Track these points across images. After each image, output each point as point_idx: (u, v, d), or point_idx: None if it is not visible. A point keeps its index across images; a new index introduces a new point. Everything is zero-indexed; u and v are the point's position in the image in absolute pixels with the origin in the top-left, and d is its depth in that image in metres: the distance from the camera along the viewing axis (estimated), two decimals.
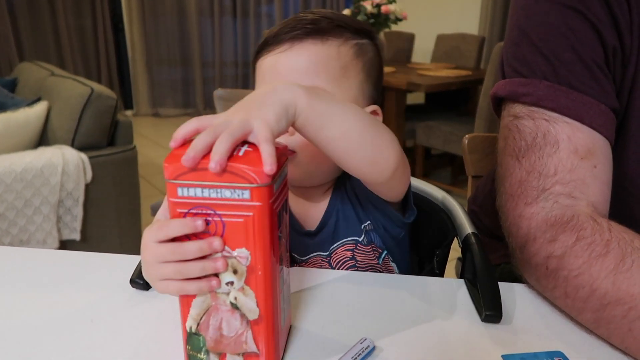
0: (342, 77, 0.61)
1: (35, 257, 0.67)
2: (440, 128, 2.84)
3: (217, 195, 0.38)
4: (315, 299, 0.57)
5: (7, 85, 2.37)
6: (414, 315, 0.55)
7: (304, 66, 0.60)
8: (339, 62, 0.61)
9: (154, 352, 0.48)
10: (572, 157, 0.57)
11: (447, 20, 4.00)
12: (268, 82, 0.61)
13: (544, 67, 0.59)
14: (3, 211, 1.71)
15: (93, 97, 1.88)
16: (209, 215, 0.39)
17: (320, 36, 0.60)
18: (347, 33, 0.62)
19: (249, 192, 0.38)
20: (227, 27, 5.07)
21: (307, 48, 0.60)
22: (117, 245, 2.02)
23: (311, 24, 0.60)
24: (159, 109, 5.09)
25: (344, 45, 0.62)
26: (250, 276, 0.41)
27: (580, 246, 0.51)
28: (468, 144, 1.04)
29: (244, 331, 0.43)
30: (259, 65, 0.64)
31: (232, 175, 0.38)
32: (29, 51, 4.14)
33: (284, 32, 0.60)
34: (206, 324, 0.43)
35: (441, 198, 0.74)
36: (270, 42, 0.61)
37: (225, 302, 0.42)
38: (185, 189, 0.39)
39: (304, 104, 0.44)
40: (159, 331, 0.52)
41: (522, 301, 0.58)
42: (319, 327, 0.52)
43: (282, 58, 0.60)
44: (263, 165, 0.37)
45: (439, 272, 0.70)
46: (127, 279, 0.59)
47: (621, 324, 0.47)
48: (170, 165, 0.39)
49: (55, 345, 0.49)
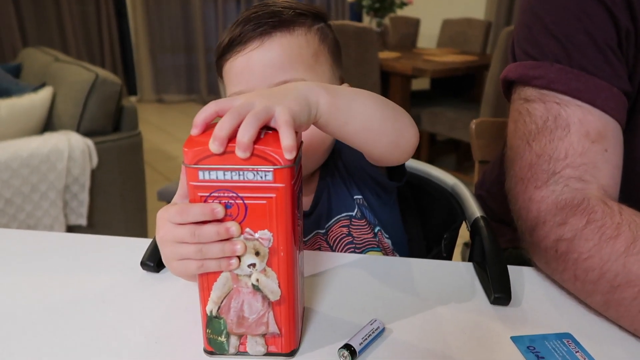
0: (315, 64, 0.62)
1: (47, 240, 0.68)
2: (445, 114, 2.82)
3: (239, 177, 0.39)
4: (324, 282, 0.57)
5: (11, 71, 2.37)
6: (423, 298, 0.55)
7: (279, 60, 0.59)
8: (309, 50, 0.61)
9: (166, 333, 0.49)
10: (583, 141, 0.57)
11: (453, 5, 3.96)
12: (244, 83, 0.60)
13: (556, 50, 0.59)
14: (10, 196, 1.72)
15: (98, 82, 1.88)
16: (230, 198, 0.39)
17: (287, 27, 0.60)
18: (308, 20, 0.63)
19: (272, 173, 0.38)
20: (231, 13, 5.03)
21: (278, 42, 0.59)
22: (122, 230, 2.03)
23: (274, 16, 0.60)
24: (162, 95, 5.08)
25: (310, 33, 0.62)
26: (272, 258, 0.41)
27: (591, 229, 0.51)
28: (475, 129, 1.03)
29: (265, 312, 0.43)
30: (228, 68, 0.62)
31: (255, 158, 0.38)
32: (32, 37, 4.13)
33: (250, 29, 0.59)
34: (227, 307, 0.43)
35: (452, 184, 0.74)
36: (237, 42, 0.60)
37: (247, 284, 0.42)
38: (206, 172, 0.39)
39: (326, 102, 0.44)
40: (170, 312, 0.52)
41: (530, 284, 0.58)
42: (329, 309, 0.53)
43: (254, 56, 0.59)
44: (282, 150, 0.37)
45: (446, 255, 0.70)
46: (137, 262, 0.59)
47: (631, 306, 0.48)
48: (190, 150, 0.39)
49: (67, 325, 0.50)
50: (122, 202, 2.02)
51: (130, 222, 2.06)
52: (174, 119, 4.49)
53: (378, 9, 3.27)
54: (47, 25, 4.23)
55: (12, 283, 0.57)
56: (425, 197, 0.79)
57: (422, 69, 2.63)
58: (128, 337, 0.48)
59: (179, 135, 3.90)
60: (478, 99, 2.69)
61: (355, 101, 0.48)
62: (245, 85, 0.60)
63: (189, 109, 4.90)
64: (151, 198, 2.16)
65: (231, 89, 0.62)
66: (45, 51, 2.46)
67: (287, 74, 0.59)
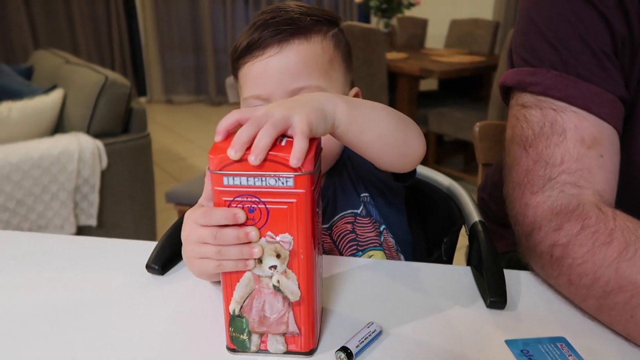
0: (330, 70, 0.63)
1: (55, 243, 0.70)
2: (452, 115, 2.82)
3: (262, 183, 0.40)
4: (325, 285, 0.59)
5: (23, 73, 2.41)
6: (421, 301, 0.56)
7: (296, 67, 0.60)
8: (324, 57, 0.62)
9: (171, 335, 0.50)
10: (578, 147, 0.57)
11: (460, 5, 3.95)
12: (261, 87, 0.61)
13: (552, 57, 0.59)
14: (22, 197, 1.76)
15: (107, 84, 1.91)
16: (253, 203, 0.41)
17: (304, 35, 0.61)
18: (324, 26, 0.64)
19: (293, 179, 0.40)
20: (239, 14, 5.05)
21: (295, 49, 0.61)
22: (131, 231, 2.06)
23: (292, 23, 0.61)
24: (172, 95, 5.12)
25: (325, 40, 0.63)
26: (292, 260, 0.43)
27: (585, 235, 0.52)
28: (479, 132, 1.04)
29: (285, 312, 0.45)
30: (246, 71, 0.63)
31: (276, 164, 0.40)
32: (43, 39, 4.18)
33: (268, 35, 0.60)
34: (249, 307, 0.45)
35: (447, 185, 0.75)
36: (255, 46, 0.61)
37: (268, 285, 0.44)
38: (230, 178, 0.41)
39: (345, 114, 0.46)
40: (174, 315, 0.54)
41: (527, 288, 0.59)
42: (329, 313, 0.54)
43: (272, 62, 0.61)
44: (290, 156, 0.39)
45: (446, 259, 0.71)
46: (143, 264, 0.61)
47: (624, 310, 0.48)
48: (215, 157, 0.40)
49: (72, 327, 0.52)
50: (131, 203, 2.04)
51: (139, 222, 2.09)
52: (183, 120, 4.53)
53: (385, 9, 3.27)
54: (58, 27, 4.29)
55: (18, 285, 0.59)
56: (425, 200, 0.79)
57: (429, 69, 2.63)
58: (133, 340, 0.50)
59: (188, 135, 3.94)
60: (486, 100, 2.69)
61: (371, 113, 0.50)
62: (262, 89, 0.61)
63: (198, 109, 4.94)
64: (160, 199, 2.18)
65: (247, 92, 0.63)
66: (56, 53, 2.49)
67: (303, 80, 0.60)
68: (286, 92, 0.60)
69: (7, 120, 1.80)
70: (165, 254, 0.61)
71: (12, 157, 1.71)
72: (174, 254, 0.63)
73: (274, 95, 0.60)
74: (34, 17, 4.13)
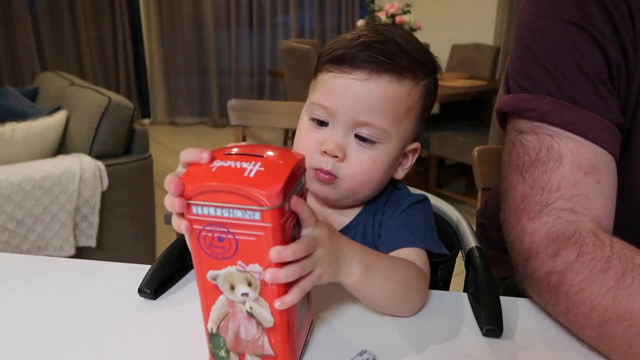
0: (404, 119, 0.60)
1: (46, 265, 0.69)
2: (454, 138, 2.83)
3: (229, 215, 0.40)
4: (318, 309, 0.58)
5: (28, 94, 2.44)
6: (417, 328, 0.55)
7: (376, 103, 0.58)
8: (407, 104, 0.60)
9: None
10: (575, 173, 0.57)
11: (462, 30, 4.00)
12: (333, 101, 0.58)
13: (548, 83, 0.60)
14: (22, 218, 1.75)
15: (110, 106, 1.92)
16: (222, 233, 0.41)
17: (398, 75, 0.58)
18: (421, 72, 0.61)
19: (260, 214, 0.40)
20: (244, 37, 5.13)
21: (384, 85, 0.58)
22: (132, 252, 2.05)
23: (391, 59, 0.57)
24: (175, 117, 5.17)
25: (416, 88, 0.60)
26: (264, 288, 0.43)
27: (581, 262, 0.51)
28: (478, 156, 1.04)
29: (260, 336, 0.45)
30: (327, 79, 0.60)
31: (243, 198, 0.39)
32: (50, 61, 4.25)
33: (365, 59, 0.57)
34: (225, 328, 0.45)
35: (445, 210, 0.75)
36: (347, 61, 0.58)
37: (241, 310, 0.44)
38: (199, 207, 0.41)
39: (355, 279, 0.49)
40: (166, 339, 0.53)
41: (524, 316, 0.58)
42: (318, 337, 0.53)
43: (356, 86, 0.57)
44: (276, 301, 0.42)
45: (442, 285, 0.70)
46: (135, 288, 0.60)
47: (621, 340, 0.47)
48: (187, 186, 0.40)
49: (63, 351, 0.51)
50: (131, 224, 2.04)
51: (139, 243, 2.08)
52: (186, 141, 4.55)
53: None
54: (65, 50, 4.36)
55: (8, 308, 0.59)
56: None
57: None
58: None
59: None
60: (487, 124, 2.70)
61: (381, 285, 0.53)
62: (332, 105, 0.58)
63: (201, 131, 4.97)
64: (160, 220, 2.18)
65: (318, 98, 0.60)
66: (61, 75, 2.53)
67: (374, 118, 0.58)
68: (351, 120, 0.58)
69: (10, 141, 1.81)
70: (158, 278, 0.61)
71: (14, 177, 1.72)
72: (167, 278, 0.62)
73: (339, 116, 0.58)
74: (41, 40, 4.20)
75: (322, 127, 0.60)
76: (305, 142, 0.61)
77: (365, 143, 0.59)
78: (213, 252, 0.42)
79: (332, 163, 0.59)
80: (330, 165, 0.59)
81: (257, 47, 5.17)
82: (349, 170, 0.59)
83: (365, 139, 0.59)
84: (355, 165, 0.59)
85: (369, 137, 0.58)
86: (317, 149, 0.59)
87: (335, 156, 0.58)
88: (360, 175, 0.60)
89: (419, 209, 0.65)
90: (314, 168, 0.59)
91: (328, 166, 0.59)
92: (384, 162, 0.60)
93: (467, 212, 0.73)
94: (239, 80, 5.19)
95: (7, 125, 1.82)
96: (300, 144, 0.62)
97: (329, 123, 0.60)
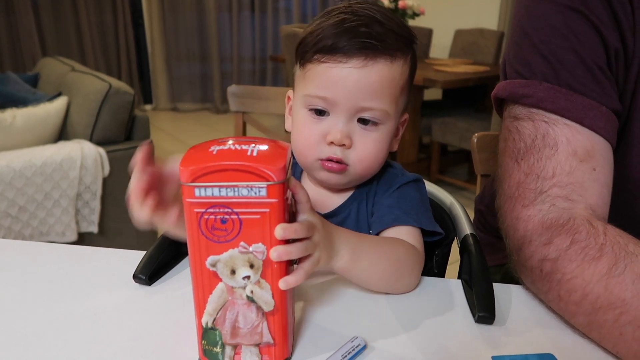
0: (399, 96, 0.61)
1: (42, 251, 0.70)
2: (456, 124, 2.81)
3: (234, 193, 0.40)
4: (309, 296, 0.58)
5: (29, 80, 2.43)
6: (409, 315, 0.55)
7: (375, 87, 0.58)
8: (400, 82, 0.61)
9: (156, 346, 0.50)
10: (570, 160, 0.57)
11: (465, 15, 3.95)
12: (332, 92, 0.58)
13: (545, 69, 0.59)
14: (24, 204, 1.76)
15: (111, 92, 1.92)
16: (226, 214, 0.41)
17: (390, 56, 0.59)
18: (405, 47, 0.61)
19: (266, 189, 0.40)
20: (245, 23, 5.09)
21: (379, 69, 0.58)
22: (133, 238, 2.06)
23: (382, 41, 0.58)
24: (177, 103, 5.15)
25: (405, 64, 0.61)
26: (266, 270, 0.43)
27: (574, 250, 0.51)
28: (477, 143, 1.03)
29: (259, 323, 0.45)
30: (321, 70, 0.59)
31: (249, 174, 0.40)
32: (51, 47, 4.23)
33: (356, 46, 0.57)
34: (222, 319, 0.45)
35: (440, 197, 0.74)
36: (339, 51, 0.57)
37: (241, 296, 0.44)
38: (203, 189, 0.41)
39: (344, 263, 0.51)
40: (160, 325, 0.53)
41: (517, 303, 0.58)
42: (313, 323, 0.53)
43: (354, 74, 0.57)
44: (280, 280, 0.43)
45: (437, 272, 0.70)
46: (130, 274, 0.61)
47: (613, 328, 0.47)
48: (186, 169, 0.40)
49: (59, 337, 0.51)
50: None
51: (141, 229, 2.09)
52: (188, 127, 4.54)
53: None
54: (66, 35, 4.34)
55: (2, 295, 0.59)
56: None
57: (433, 79, 2.62)
58: (118, 350, 0.49)
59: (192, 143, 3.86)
60: (489, 110, 2.68)
61: (370, 268, 0.54)
62: (332, 95, 0.58)
63: (203, 117, 4.96)
64: None
65: (314, 90, 0.60)
66: (62, 61, 2.52)
67: (375, 102, 0.59)
68: (353, 107, 0.58)
69: (11, 127, 1.82)
70: (153, 264, 0.61)
71: (15, 163, 1.72)
72: (162, 264, 0.63)
73: (341, 104, 0.58)
74: (42, 26, 4.18)
75: (322, 116, 0.60)
76: (307, 134, 0.61)
77: (368, 126, 0.60)
78: (215, 235, 0.42)
79: (341, 151, 0.60)
80: (339, 153, 0.60)
81: (259, 33, 5.13)
82: (357, 156, 0.61)
83: (368, 121, 0.60)
84: (362, 150, 0.61)
85: (372, 119, 0.60)
86: (322, 140, 0.60)
87: (343, 145, 0.59)
88: (368, 159, 0.61)
89: (413, 189, 0.66)
90: (320, 159, 0.61)
91: (337, 154, 0.60)
92: (386, 141, 0.62)
93: (468, 198, 0.73)
94: (241, 66, 5.16)
95: (7, 111, 1.82)
96: (303, 137, 0.62)
97: (328, 112, 0.60)
